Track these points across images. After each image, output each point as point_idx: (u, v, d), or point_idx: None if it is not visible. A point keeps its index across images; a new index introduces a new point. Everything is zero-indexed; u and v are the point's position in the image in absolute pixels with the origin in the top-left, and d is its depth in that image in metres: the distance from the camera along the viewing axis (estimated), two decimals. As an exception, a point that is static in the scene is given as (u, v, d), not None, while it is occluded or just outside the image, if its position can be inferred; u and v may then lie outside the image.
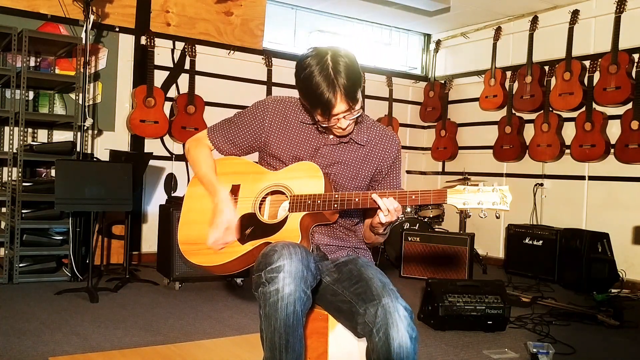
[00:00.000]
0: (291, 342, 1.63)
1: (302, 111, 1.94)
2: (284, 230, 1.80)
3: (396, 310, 1.62)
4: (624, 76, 4.92)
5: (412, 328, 1.62)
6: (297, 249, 1.67)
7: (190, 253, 1.92)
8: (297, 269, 1.62)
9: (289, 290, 1.60)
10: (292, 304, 1.60)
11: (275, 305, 1.61)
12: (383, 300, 1.64)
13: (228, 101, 5.59)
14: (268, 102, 1.98)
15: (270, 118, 1.94)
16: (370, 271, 1.80)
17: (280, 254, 1.64)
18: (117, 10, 5.07)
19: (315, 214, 1.83)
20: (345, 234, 1.98)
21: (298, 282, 1.61)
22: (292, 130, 1.93)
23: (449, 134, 6.57)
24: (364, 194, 1.76)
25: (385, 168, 1.97)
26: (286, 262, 1.62)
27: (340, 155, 1.93)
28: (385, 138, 1.97)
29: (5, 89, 4.57)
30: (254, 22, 5.75)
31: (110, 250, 5.06)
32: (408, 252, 5.01)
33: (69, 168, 3.86)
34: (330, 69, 1.72)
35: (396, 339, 1.59)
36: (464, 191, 1.66)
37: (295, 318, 1.61)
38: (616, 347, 3.29)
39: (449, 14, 5.98)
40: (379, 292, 1.68)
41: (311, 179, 1.83)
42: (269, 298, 1.62)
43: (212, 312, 3.65)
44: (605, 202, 5.20)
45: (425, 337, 3.29)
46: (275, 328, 1.62)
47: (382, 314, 1.62)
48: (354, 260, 1.89)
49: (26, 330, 3.08)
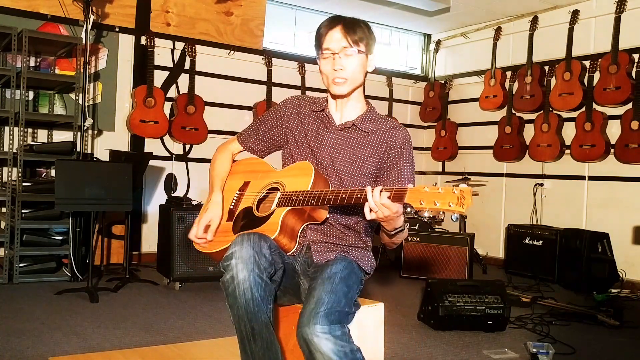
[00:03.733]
0: (257, 329, 1.66)
1: (315, 102, 2.05)
2: (267, 224, 1.86)
3: (314, 336, 1.58)
4: (624, 76, 4.92)
5: (342, 345, 1.58)
6: (250, 236, 1.71)
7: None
8: (248, 254, 1.66)
9: (243, 276, 1.64)
10: (248, 290, 1.63)
11: (234, 294, 1.65)
12: (302, 330, 1.61)
13: (228, 101, 5.58)
14: (288, 98, 2.12)
15: (289, 111, 2.07)
16: (321, 287, 1.72)
17: (234, 242, 1.71)
18: (117, 10, 5.07)
19: (298, 210, 1.84)
20: (342, 232, 1.95)
21: (251, 267, 1.65)
22: (305, 120, 2.04)
23: (449, 134, 6.57)
24: (337, 191, 1.72)
25: (390, 158, 1.92)
26: (237, 249, 1.67)
27: (344, 141, 1.96)
28: (391, 129, 1.95)
29: (5, 89, 4.57)
30: (254, 22, 5.75)
31: (110, 250, 5.06)
32: (408, 252, 5.01)
33: (69, 168, 3.86)
34: (342, 16, 1.92)
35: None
36: (424, 190, 1.54)
37: (255, 304, 1.64)
38: (616, 347, 3.29)
39: (449, 14, 5.98)
40: (302, 319, 1.63)
41: (301, 177, 1.88)
42: (227, 287, 1.67)
43: (212, 312, 3.65)
44: (605, 202, 5.20)
45: (425, 337, 3.29)
46: (239, 316, 1.66)
47: (304, 344, 1.61)
48: (326, 266, 1.83)
49: (26, 330, 3.08)
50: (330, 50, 1.89)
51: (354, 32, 1.88)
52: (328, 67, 1.91)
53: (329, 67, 1.91)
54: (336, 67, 1.88)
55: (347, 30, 1.88)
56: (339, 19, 1.91)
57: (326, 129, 1.99)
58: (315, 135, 1.99)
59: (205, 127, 5.27)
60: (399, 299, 4.21)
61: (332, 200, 1.73)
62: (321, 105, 2.02)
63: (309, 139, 1.99)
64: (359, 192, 1.67)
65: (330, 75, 1.91)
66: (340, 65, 1.88)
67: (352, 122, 1.97)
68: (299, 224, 1.89)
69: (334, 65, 1.88)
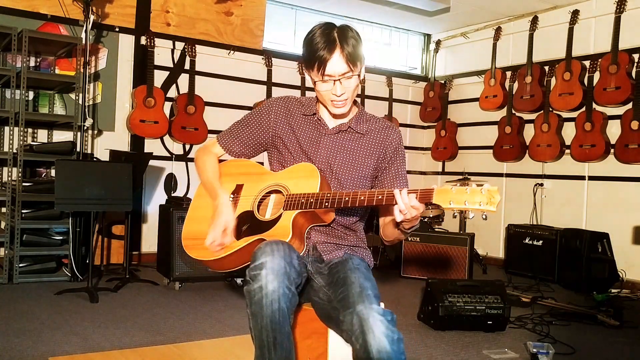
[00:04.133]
0: (279, 340, 1.65)
1: (303, 105, 2.01)
2: (276, 227, 1.83)
3: (370, 316, 1.60)
4: (624, 76, 4.92)
5: (392, 330, 1.60)
6: (280, 246, 1.68)
7: (190, 247, 1.98)
8: (280, 266, 1.63)
9: (272, 287, 1.61)
10: (276, 300, 1.61)
11: (260, 303, 1.62)
12: (357, 308, 1.63)
13: (228, 101, 5.59)
14: (272, 99, 2.06)
15: (276, 113, 2.01)
16: (355, 275, 1.78)
17: (263, 251, 1.66)
18: (117, 10, 5.07)
19: (308, 212, 1.84)
20: (344, 233, 1.98)
21: (281, 279, 1.62)
22: (296, 123, 1.99)
23: (449, 134, 6.57)
24: (354, 193, 1.75)
25: (388, 159, 1.96)
26: (268, 259, 1.63)
27: (341, 144, 1.95)
28: (385, 128, 1.98)
29: (5, 89, 4.57)
30: (254, 22, 5.75)
31: (110, 250, 5.06)
32: (408, 252, 5.01)
33: (69, 168, 3.86)
34: (334, 32, 1.81)
35: (374, 346, 1.57)
36: (451, 190, 1.62)
37: (281, 315, 1.62)
38: (616, 347, 3.29)
39: (449, 14, 5.98)
40: (354, 299, 1.67)
41: (307, 179, 1.85)
42: (253, 296, 1.63)
43: (212, 312, 3.65)
44: (605, 202, 5.20)
45: (425, 337, 3.29)
46: (262, 326, 1.63)
47: (357, 321, 1.61)
48: (345, 262, 1.88)
49: (26, 330, 3.08)
50: (331, 77, 1.82)
51: (355, 56, 1.81)
52: (327, 91, 1.85)
53: (328, 91, 1.85)
54: (338, 92, 1.83)
55: (347, 56, 1.79)
56: (334, 39, 1.79)
57: (320, 132, 1.97)
58: (309, 140, 1.97)
59: (205, 127, 5.27)
60: (399, 299, 4.22)
61: (349, 202, 1.74)
62: (312, 109, 1.98)
63: (301, 143, 1.96)
64: (379, 193, 1.71)
65: (329, 98, 1.86)
66: (342, 90, 1.83)
67: (347, 124, 1.96)
68: (306, 226, 1.89)
69: (335, 90, 1.83)
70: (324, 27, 1.83)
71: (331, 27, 1.82)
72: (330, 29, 1.82)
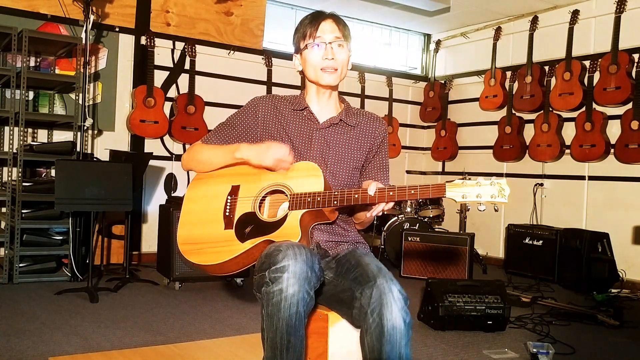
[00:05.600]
0: (293, 343, 1.63)
1: (291, 101, 2.01)
2: (283, 228, 1.80)
3: (390, 291, 1.64)
4: (624, 76, 4.92)
5: (406, 312, 1.65)
6: (302, 250, 1.67)
7: (190, 252, 1.91)
8: (302, 270, 1.62)
9: (293, 290, 1.60)
10: (295, 304, 1.60)
11: (279, 305, 1.60)
12: (378, 281, 1.67)
13: (228, 101, 5.59)
14: (258, 98, 2.05)
15: (263, 111, 2.00)
16: (368, 258, 1.83)
17: (285, 254, 1.64)
18: (117, 10, 5.07)
19: (315, 211, 1.83)
20: (344, 229, 1.98)
21: (302, 283, 1.61)
22: (286, 120, 1.99)
23: (449, 134, 6.57)
24: (363, 191, 1.76)
25: (374, 150, 2.02)
26: (291, 263, 1.62)
27: (333, 137, 1.97)
28: (372, 120, 2.05)
29: (5, 89, 4.57)
30: (254, 22, 5.75)
31: (110, 250, 5.06)
32: (408, 252, 5.01)
33: (69, 168, 3.86)
34: (323, 12, 1.94)
35: (390, 320, 1.60)
36: (462, 185, 1.67)
37: (297, 319, 1.62)
38: (616, 347, 3.29)
39: (449, 14, 5.98)
40: (374, 274, 1.70)
41: (311, 178, 1.84)
42: (272, 298, 1.61)
43: (212, 312, 3.65)
44: (605, 202, 5.20)
45: (425, 337, 3.29)
46: (277, 328, 1.62)
47: (377, 294, 1.64)
48: (352, 251, 1.92)
49: (26, 330, 3.08)
50: (322, 39, 1.90)
51: (344, 26, 1.94)
52: (318, 57, 1.91)
53: (319, 56, 1.91)
54: (329, 56, 1.89)
55: (337, 23, 1.92)
56: (323, 12, 1.94)
57: (311, 127, 1.97)
58: (300, 135, 1.97)
59: (205, 127, 5.27)
60: (399, 299, 4.21)
61: (359, 199, 1.76)
62: (301, 104, 1.99)
63: (292, 140, 1.96)
64: (389, 189, 1.73)
65: (321, 65, 1.91)
66: (332, 54, 1.89)
67: (338, 117, 1.98)
68: (310, 225, 1.89)
69: (326, 54, 1.89)
70: (313, 12, 1.99)
71: (320, 11, 1.97)
72: (319, 12, 1.96)
